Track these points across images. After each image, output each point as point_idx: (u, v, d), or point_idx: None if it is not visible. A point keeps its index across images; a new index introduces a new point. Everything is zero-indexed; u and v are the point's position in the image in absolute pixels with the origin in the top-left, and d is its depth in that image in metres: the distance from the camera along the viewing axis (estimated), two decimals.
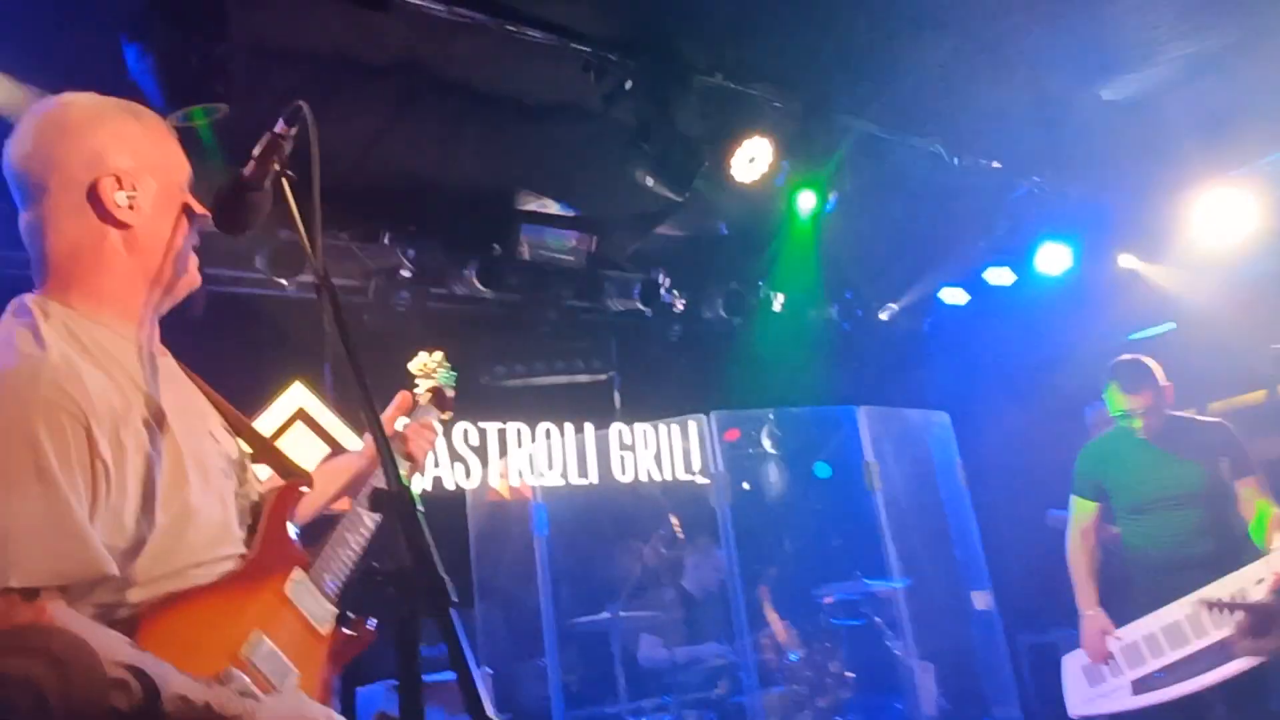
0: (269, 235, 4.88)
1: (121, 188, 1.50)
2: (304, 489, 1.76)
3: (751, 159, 4.70)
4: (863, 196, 5.42)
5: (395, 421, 2.10)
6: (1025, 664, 5.80)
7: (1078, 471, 4.15)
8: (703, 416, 5.09)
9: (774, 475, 6.40)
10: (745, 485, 5.32)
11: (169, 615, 1.40)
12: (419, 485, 4.98)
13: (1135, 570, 3.97)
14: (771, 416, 6.49)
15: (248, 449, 1.77)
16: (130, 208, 1.51)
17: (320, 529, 1.84)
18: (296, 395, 5.35)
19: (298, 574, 1.61)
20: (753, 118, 4.67)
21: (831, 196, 5.15)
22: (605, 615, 4.88)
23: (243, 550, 1.57)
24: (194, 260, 1.64)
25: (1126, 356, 3.92)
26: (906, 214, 6.00)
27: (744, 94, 4.61)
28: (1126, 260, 6.23)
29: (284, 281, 4.91)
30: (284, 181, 1.52)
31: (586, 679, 5.07)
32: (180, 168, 1.62)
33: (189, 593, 1.44)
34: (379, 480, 1.80)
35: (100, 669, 1.24)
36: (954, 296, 7.17)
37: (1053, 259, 6.13)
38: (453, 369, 2.28)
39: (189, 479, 1.46)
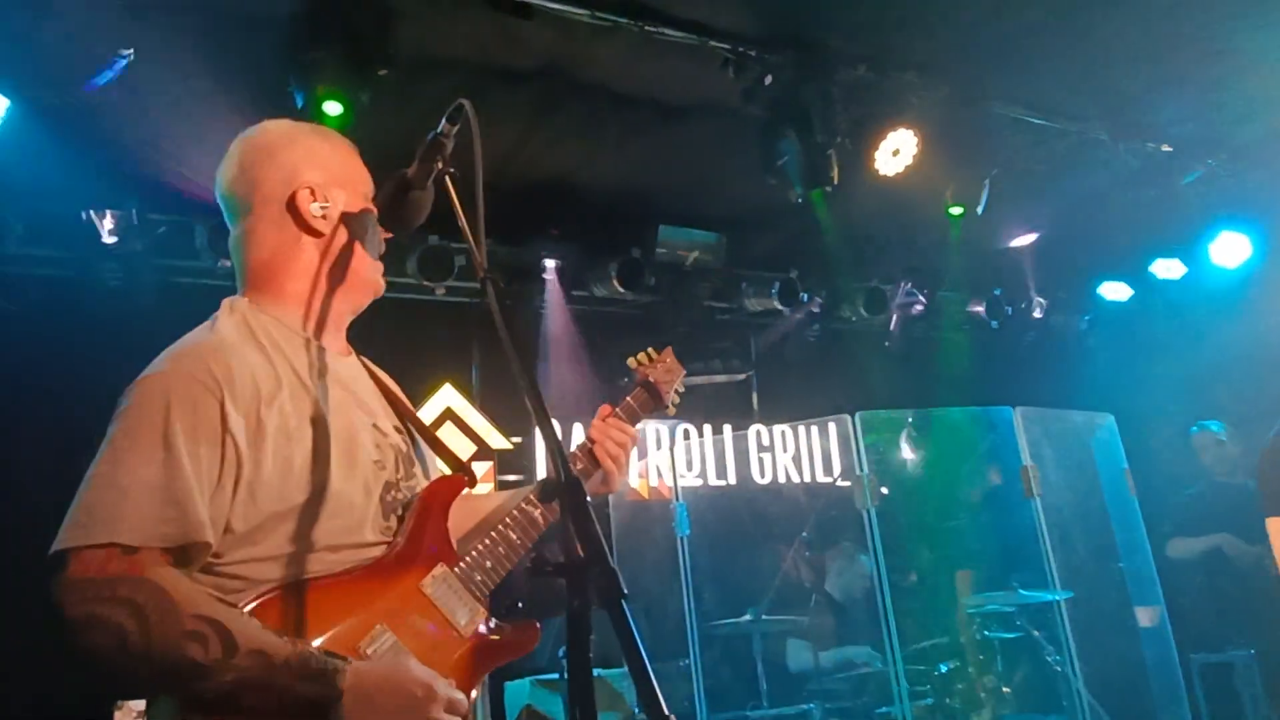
0: (418, 240, 5.07)
1: (316, 199, 1.64)
2: (466, 488, 1.70)
3: (895, 151, 4.54)
4: (1013, 186, 5.16)
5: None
6: (1198, 684, 5.39)
7: (1265, 483, 3.56)
8: (846, 417, 4.94)
9: (916, 479, 6.16)
10: (884, 490, 5.14)
11: (298, 598, 1.41)
12: None
13: None
14: (910, 419, 6.26)
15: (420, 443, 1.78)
16: (324, 217, 1.65)
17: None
18: (446, 396, 5.54)
19: (440, 570, 1.56)
20: (897, 108, 4.51)
21: (984, 191, 4.92)
22: (747, 618, 4.81)
23: (389, 541, 1.56)
24: (375, 266, 1.72)
25: None
26: (1061, 204, 5.68)
27: (888, 84, 4.45)
28: None
29: (433, 285, 5.09)
30: (447, 179, 1.57)
31: (729, 681, 5.01)
32: (364, 181, 1.73)
33: (322, 578, 1.45)
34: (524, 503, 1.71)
35: (179, 620, 1.28)
36: (1115, 291, 6.77)
37: (1230, 249, 5.70)
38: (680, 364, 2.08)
39: (331, 465, 1.48)
